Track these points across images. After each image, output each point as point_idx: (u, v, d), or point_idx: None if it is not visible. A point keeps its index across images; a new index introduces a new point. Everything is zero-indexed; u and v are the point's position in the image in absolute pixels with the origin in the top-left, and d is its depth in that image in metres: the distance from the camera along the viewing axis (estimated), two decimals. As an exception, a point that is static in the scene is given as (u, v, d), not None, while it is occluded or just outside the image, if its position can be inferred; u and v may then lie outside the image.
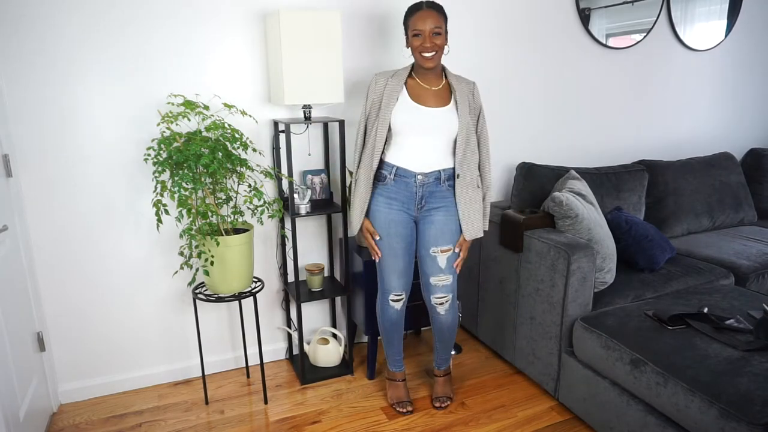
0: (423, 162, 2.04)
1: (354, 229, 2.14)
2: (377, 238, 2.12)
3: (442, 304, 2.16)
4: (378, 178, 2.11)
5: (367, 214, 2.14)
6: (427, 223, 2.10)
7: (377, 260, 2.16)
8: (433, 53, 1.96)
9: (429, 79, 2.05)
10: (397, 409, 2.30)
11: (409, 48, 2.01)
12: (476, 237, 2.10)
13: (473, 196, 2.07)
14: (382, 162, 2.09)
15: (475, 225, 2.09)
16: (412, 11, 2.00)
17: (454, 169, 2.07)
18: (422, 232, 2.12)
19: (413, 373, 2.59)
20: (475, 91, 2.08)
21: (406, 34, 2.02)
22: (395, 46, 2.61)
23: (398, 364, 2.35)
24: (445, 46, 2.01)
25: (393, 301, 2.19)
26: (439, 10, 1.98)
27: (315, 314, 2.78)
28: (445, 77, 2.08)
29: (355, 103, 2.59)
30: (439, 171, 2.05)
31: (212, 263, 2.09)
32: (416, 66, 2.05)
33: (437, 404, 2.33)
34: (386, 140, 2.06)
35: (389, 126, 2.03)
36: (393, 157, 2.07)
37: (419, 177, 2.05)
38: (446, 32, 1.99)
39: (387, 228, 2.10)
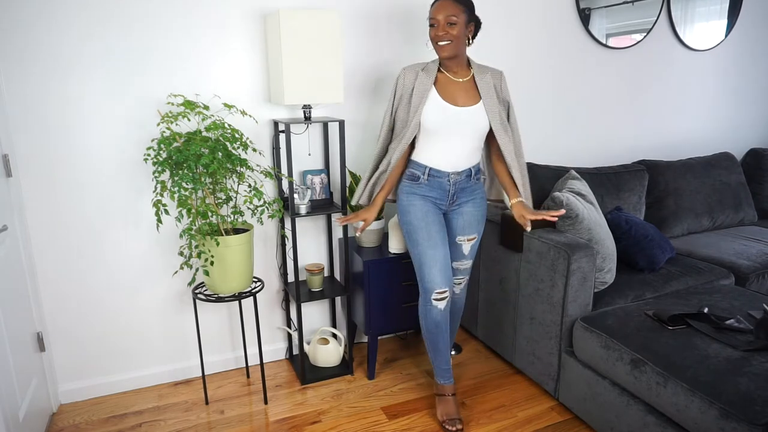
0: (455, 161, 2.06)
1: (355, 200, 2.22)
2: (359, 222, 2.17)
3: (458, 284, 2.27)
4: (410, 178, 2.12)
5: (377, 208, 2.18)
6: (457, 215, 2.15)
7: (358, 233, 2.21)
8: (447, 42, 1.94)
9: (455, 70, 2.04)
10: (447, 427, 2.13)
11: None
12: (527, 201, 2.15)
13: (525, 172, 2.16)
14: (412, 161, 2.12)
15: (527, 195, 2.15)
16: (433, 2, 2.01)
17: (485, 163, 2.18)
18: (451, 223, 2.17)
19: (414, 373, 2.59)
20: (503, 83, 2.09)
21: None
22: (396, 45, 2.61)
23: (446, 375, 2.20)
24: (468, 38, 2.00)
25: (436, 300, 2.07)
26: (459, 0, 1.95)
27: (315, 314, 2.78)
28: (470, 68, 2.07)
29: (355, 103, 2.59)
30: (470, 168, 2.10)
31: (212, 263, 2.09)
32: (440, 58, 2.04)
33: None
34: (415, 138, 2.09)
35: (420, 125, 2.04)
36: (425, 158, 2.08)
37: (452, 176, 2.07)
38: (469, 23, 1.97)
39: (425, 218, 2.09)
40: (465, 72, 2.05)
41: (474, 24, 2.01)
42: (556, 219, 2.10)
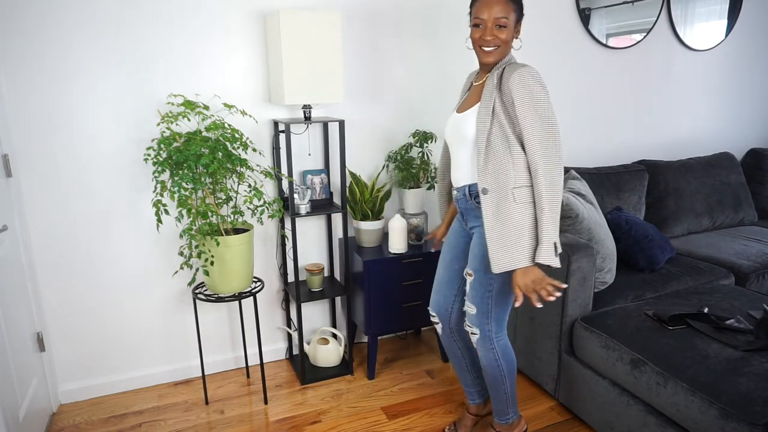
0: (456, 176, 1.83)
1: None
2: (430, 238, 2.17)
3: (471, 334, 1.87)
4: None
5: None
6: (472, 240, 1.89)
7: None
8: (494, 48, 1.66)
9: (483, 73, 1.78)
10: (446, 429, 2.15)
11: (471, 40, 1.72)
12: (505, 270, 1.66)
13: (505, 214, 1.65)
14: None
15: (496, 254, 1.65)
16: None
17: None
18: None
19: (413, 374, 2.59)
20: (512, 78, 1.61)
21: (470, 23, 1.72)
22: (397, 44, 2.61)
23: (470, 396, 2.11)
24: (516, 40, 1.72)
25: (432, 319, 2.04)
26: None
27: (315, 314, 2.79)
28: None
29: (355, 103, 2.59)
30: (465, 186, 1.80)
31: (212, 263, 2.09)
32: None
33: None
34: None
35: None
36: None
37: (454, 192, 1.87)
38: (517, 23, 1.67)
39: (447, 237, 2.00)
40: (485, 75, 1.76)
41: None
42: (552, 297, 1.65)
